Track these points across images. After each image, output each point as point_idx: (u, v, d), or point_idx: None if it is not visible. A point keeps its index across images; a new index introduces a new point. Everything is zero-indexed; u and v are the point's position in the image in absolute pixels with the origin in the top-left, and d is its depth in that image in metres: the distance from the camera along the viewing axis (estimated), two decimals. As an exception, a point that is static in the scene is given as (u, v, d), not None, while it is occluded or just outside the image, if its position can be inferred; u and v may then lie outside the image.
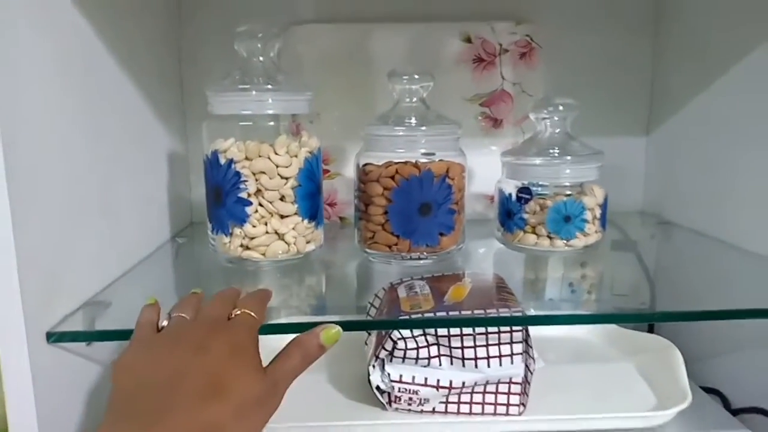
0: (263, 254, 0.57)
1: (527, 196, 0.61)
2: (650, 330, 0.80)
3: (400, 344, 0.53)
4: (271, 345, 0.56)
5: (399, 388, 0.53)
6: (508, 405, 0.54)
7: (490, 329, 0.53)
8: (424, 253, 0.60)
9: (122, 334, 0.49)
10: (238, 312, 0.42)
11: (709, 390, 0.68)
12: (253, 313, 0.42)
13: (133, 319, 0.51)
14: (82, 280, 0.51)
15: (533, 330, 0.68)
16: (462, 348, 0.53)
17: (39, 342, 0.43)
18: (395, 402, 0.54)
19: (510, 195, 0.63)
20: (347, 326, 0.56)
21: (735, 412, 0.63)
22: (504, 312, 0.50)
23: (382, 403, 0.55)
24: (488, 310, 0.49)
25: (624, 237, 0.76)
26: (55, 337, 0.45)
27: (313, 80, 0.77)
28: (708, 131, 0.70)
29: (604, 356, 0.67)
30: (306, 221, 0.58)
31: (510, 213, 0.62)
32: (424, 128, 0.59)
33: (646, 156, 0.84)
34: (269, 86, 0.56)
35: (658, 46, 0.80)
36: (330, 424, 0.54)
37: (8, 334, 0.41)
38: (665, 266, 0.69)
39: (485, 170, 0.76)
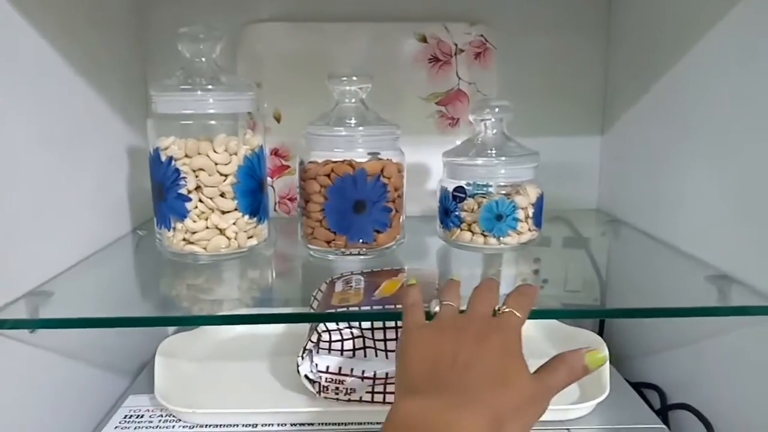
0: (205, 248, 0.60)
1: (462, 195, 0.63)
2: (601, 327, 0.82)
3: (325, 336, 0.55)
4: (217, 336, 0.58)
5: (326, 378, 0.56)
6: (431, 396, 0.56)
7: (412, 323, 0.55)
8: (363, 249, 0.62)
9: (62, 323, 0.52)
10: (506, 309, 0.44)
11: (647, 385, 0.70)
12: (517, 313, 0.43)
13: (76, 308, 0.55)
14: (25, 271, 0.53)
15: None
16: (385, 341, 0.55)
17: (-26, 328, 0.46)
18: (324, 391, 0.57)
19: (449, 193, 0.65)
20: (277, 319, 0.59)
21: (670, 407, 0.66)
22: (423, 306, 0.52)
23: (312, 392, 0.58)
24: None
25: (574, 234, 0.78)
26: (-7, 325, 0.48)
27: (273, 77, 0.80)
28: (656, 132, 0.72)
29: (538, 349, 0.68)
30: (247, 217, 0.61)
31: (447, 211, 0.64)
32: (362, 128, 0.61)
33: (600, 155, 0.85)
34: (210, 87, 0.58)
35: (610, 46, 0.82)
36: (255, 411, 0.56)
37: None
38: (608, 264, 0.71)
39: (441, 168, 0.78)
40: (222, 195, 0.59)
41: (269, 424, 0.55)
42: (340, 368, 0.56)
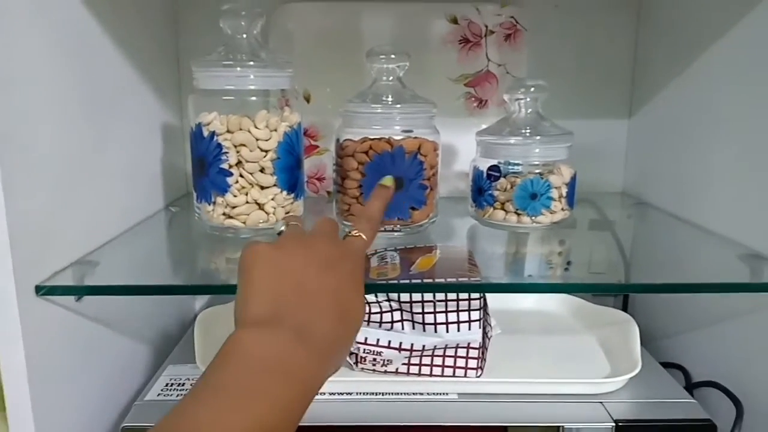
0: (244, 223, 0.61)
1: (496, 174, 0.64)
2: (624, 307, 0.83)
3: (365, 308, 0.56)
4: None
5: (364, 350, 0.57)
6: (466, 368, 0.58)
7: (449, 297, 0.56)
8: (398, 226, 0.63)
9: (109, 290, 0.53)
10: (354, 233, 0.44)
11: (672, 365, 0.71)
12: (364, 236, 0.45)
13: (120, 278, 0.56)
14: (72, 242, 0.55)
15: (505, 301, 0.71)
16: (423, 314, 0.56)
17: (28, 295, 0.48)
18: (361, 362, 0.58)
19: (482, 172, 0.65)
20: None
21: (695, 386, 0.67)
22: (462, 280, 0.53)
23: (349, 363, 0.59)
24: (447, 279, 0.53)
25: (600, 216, 0.79)
26: (44, 291, 0.49)
27: (304, 58, 0.80)
28: (686, 115, 0.72)
29: (569, 328, 0.70)
30: (285, 193, 0.62)
31: (481, 190, 0.65)
32: (399, 106, 0.62)
33: (627, 138, 0.86)
34: (251, 63, 0.59)
35: (641, 29, 0.82)
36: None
37: (-1, 288, 0.46)
38: (633, 245, 0.72)
39: (469, 149, 0.79)
40: (262, 170, 0.60)
41: (308, 394, 0.57)
42: (377, 340, 0.57)
